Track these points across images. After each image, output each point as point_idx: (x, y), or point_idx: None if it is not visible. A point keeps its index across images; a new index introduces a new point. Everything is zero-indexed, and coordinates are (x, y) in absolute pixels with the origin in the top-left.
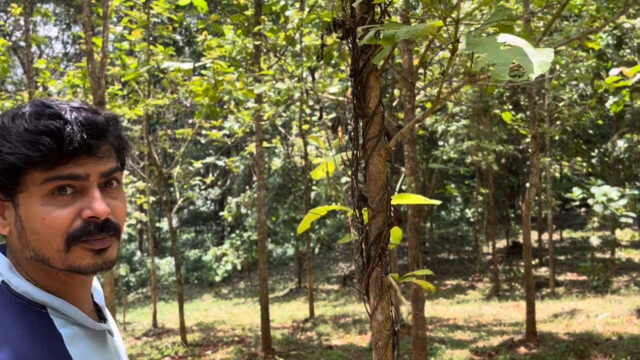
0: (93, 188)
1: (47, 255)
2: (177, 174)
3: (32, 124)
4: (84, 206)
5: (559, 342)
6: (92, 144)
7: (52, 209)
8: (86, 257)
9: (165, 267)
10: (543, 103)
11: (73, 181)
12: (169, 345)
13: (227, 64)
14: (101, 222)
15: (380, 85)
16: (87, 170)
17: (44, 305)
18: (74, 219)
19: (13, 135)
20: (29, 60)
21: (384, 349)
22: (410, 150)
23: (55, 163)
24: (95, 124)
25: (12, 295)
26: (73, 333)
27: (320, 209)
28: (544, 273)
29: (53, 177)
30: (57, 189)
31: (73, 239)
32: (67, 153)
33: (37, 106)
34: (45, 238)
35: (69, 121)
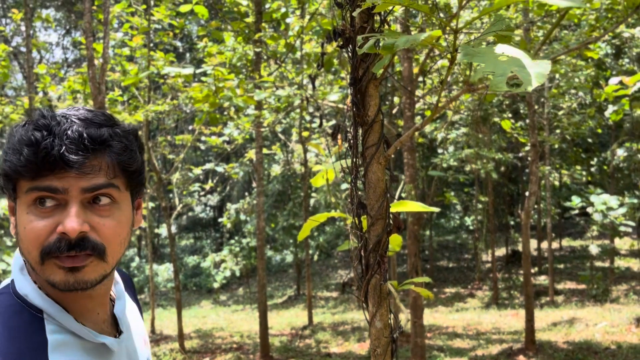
0: (72, 203)
1: (31, 264)
2: (177, 180)
3: (22, 134)
4: (60, 221)
5: (557, 351)
6: (70, 159)
7: (33, 218)
8: (58, 273)
9: (163, 274)
10: (542, 111)
11: (52, 193)
12: (167, 352)
13: (228, 71)
14: (74, 239)
15: (380, 93)
16: (65, 185)
17: (40, 310)
18: (50, 232)
19: (10, 143)
20: (29, 66)
21: (382, 356)
22: (409, 158)
23: (35, 174)
24: (81, 139)
25: (14, 296)
26: (63, 341)
27: (319, 216)
28: (543, 281)
29: (33, 187)
30: (38, 200)
31: (46, 253)
32: (44, 165)
33: (40, 115)
34: (26, 247)
35: (54, 134)
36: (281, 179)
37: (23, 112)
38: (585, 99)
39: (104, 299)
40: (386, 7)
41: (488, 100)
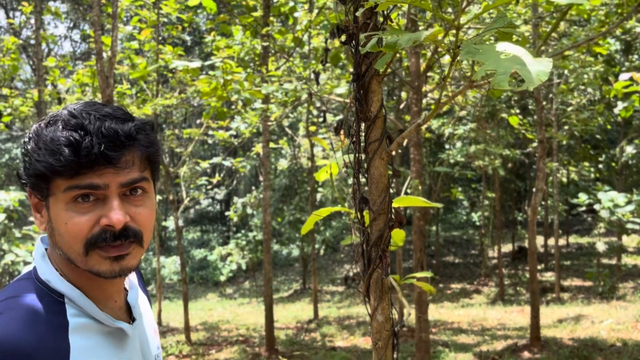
0: (112, 197)
1: (71, 257)
2: (184, 173)
3: (56, 134)
4: (103, 214)
5: (563, 348)
6: (111, 156)
7: (73, 214)
8: (104, 263)
9: (170, 266)
10: (551, 108)
11: (93, 190)
12: (174, 343)
13: (236, 64)
14: (118, 230)
15: (388, 88)
16: (106, 181)
17: (62, 295)
18: (93, 225)
19: (42, 144)
20: (38, 59)
21: (383, 349)
22: (416, 153)
23: (75, 172)
24: (116, 135)
25: (36, 281)
26: (83, 324)
27: (323, 211)
28: (549, 278)
29: (73, 186)
30: (79, 197)
31: (90, 244)
32: (85, 164)
33: (67, 114)
34: (67, 241)
35: (89, 132)
36: (288, 174)
37: (32, 104)
38: (594, 95)
39: (120, 287)
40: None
41: (496, 96)
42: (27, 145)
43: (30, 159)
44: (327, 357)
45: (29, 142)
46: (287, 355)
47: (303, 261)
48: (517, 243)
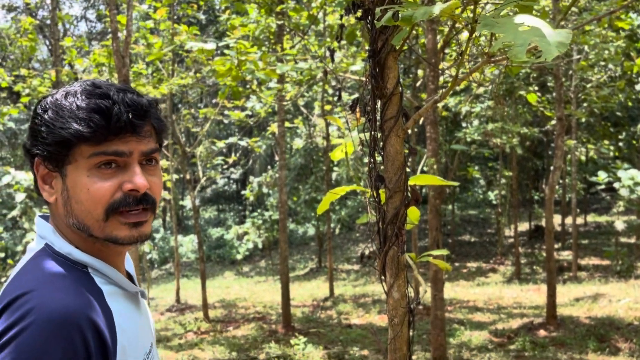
0: (134, 164)
1: (88, 224)
2: (200, 153)
3: (83, 102)
4: (126, 180)
5: (579, 326)
6: (137, 124)
7: (96, 180)
8: (123, 229)
9: (188, 245)
10: (570, 84)
11: (117, 157)
12: (192, 320)
13: (250, 44)
14: (140, 195)
15: (404, 66)
16: (130, 148)
17: (85, 265)
18: (115, 191)
19: (66, 112)
20: (55, 39)
21: (399, 326)
22: (432, 132)
23: (102, 139)
24: (139, 105)
25: (56, 256)
26: (112, 290)
27: (339, 190)
28: (566, 257)
29: (99, 152)
30: (103, 163)
31: (112, 209)
32: (114, 131)
33: (88, 86)
34: (87, 207)
35: (116, 101)
36: (303, 153)
37: (50, 85)
38: (615, 72)
39: (124, 258)
40: None
41: (514, 73)
42: (45, 115)
43: (50, 128)
44: (343, 334)
45: (44, 112)
46: (303, 332)
47: (319, 240)
48: (534, 222)
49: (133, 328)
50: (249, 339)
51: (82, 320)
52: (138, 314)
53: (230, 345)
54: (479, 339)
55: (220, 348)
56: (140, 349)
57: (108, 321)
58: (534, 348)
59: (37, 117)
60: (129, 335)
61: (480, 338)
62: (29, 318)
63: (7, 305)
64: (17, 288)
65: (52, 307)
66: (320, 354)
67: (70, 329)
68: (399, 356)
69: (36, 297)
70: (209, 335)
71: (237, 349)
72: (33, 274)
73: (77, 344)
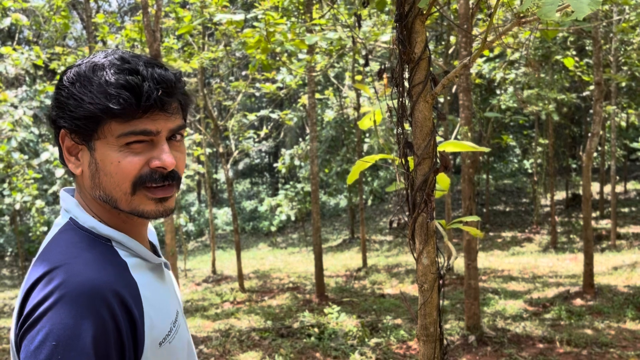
0: (162, 142)
1: (115, 197)
2: (232, 126)
3: (113, 77)
4: (154, 156)
5: (617, 295)
6: (165, 101)
7: (127, 154)
8: (149, 204)
9: (222, 217)
10: (610, 47)
11: (146, 136)
12: (228, 291)
13: (279, 15)
14: (167, 172)
15: (436, 33)
16: (159, 127)
17: (108, 239)
18: (143, 166)
19: (95, 86)
20: (88, 15)
21: (429, 292)
22: (465, 99)
23: (131, 116)
24: (168, 82)
25: (80, 229)
26: (136, 263)
27: (368, 158)
28: (605, 226)
29: (129, 132)
30: (132, 142)
31: (139, 183)
32: (143, 108)
33: (117, 60)
34: (116, 181)
35: (146, 77)
36: (334, 125)
37: None
38: None
39: (147, 230)
40: None
41: (550, 36)
42: (72, 88)
43: (78, 102)
44: (377, 303)
45: (72, 84)
46: (337, 302)
47: (351, 211)
48: (571, 190)
49: (158, 298)
50: (284, 308)
51: (109, 293)
52: (162, 284)
53: (266, 315)
54: (513, 308)
55: (255, 317)
56: (166, 319)
57: (133, 293)
58: (570, 317)
59: (64, 89)
60: (154, 305)
61: (515, 307)
62: (59, 292)
63: (38, 280)
64: (45, 263)
65: (79, 281)
66: (353, 322)
67: (99, 304)
68: (429, 321)
69: (64, 271)
70: (244, 305)
71: (272, 318)
72: (60, 249)
73: (106, 318)
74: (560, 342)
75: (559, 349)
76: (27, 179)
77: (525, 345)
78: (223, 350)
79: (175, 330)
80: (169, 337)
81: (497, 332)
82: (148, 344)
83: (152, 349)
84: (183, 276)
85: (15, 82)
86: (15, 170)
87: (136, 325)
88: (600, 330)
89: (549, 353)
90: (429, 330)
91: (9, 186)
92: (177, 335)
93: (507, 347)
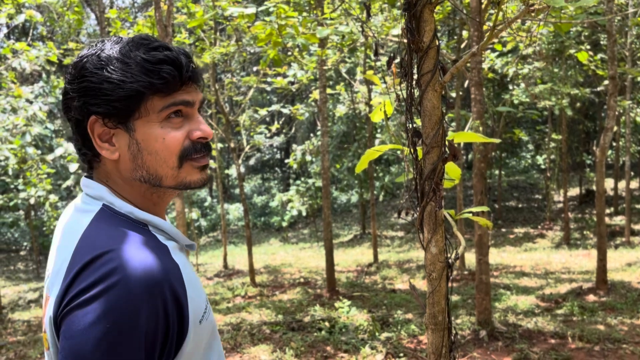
0: (196, 114)
1: (161, 174)
2: (244, 121)
3: (149, 55)
4: (193, 128)
5: (631, 291)
6: (198, 73)
7: (170, 129)
8: (195, 173)
9: (234, 213)
10: (625, 42)
11: (185, 107)
12: (239, 285)
13: (291, 9)
14: (206, 141)
15: (448, 27)
16: (194, 98)
17: (145, 223)
18: (184, 139)
19: (133, 66)
20: (101, 11)
21: (437, 280)
22: (477, 93)
23: (173, 90)
24: (191, 57)
25: (118, 215)
26: (173, 246)
27: (378, 148)
28: (619, 222)
29: (170, 103)
30: (172, 114)
31: (184, 156)
32: (184, 80)
33: (142, 39)
34: (162, 157)
35: (178, 52)
36: (346, 120)
37: None
38: None
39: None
40: None
41: (563, 30)
42: (104, 72)
43: (116, 84)
44: (387, 298)
45: (101, 69)
46: (347, 296)
47: (362, 207)
48: (584, 186)
49: (194, 278)
50: (295, 303)
51: (165, 285)
52: (190, 264)
53: (277, 309)
54: (525, 303)
55: (267, 311)
56: (202, 296)
57: (178, 277)
58: (582, 313)
59: (92, 75)
60: (193, 285)
61: (527, 303)
62: (116, 276)
63: (89, 263)
64: (93, 248)
65: (135, 267)
66: (364, 317)
67: (156, 294)
68: (437, 310)
69: (118, 256)
70: (255, 299)
71: (283, 312)
72: (105, 234)
73: (159, 309)
74: (572, 337)
75: (571, 344)
76: (40, 173)
77: (537, 341)
78: (234, 343)
79: (208, 307)
80: (205, 313)
81: (509, 328)
82: (192, 324)
83: (194, 328)
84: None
85: (30, 77)
86: (29, 165)
87: (183, 311)
88: (613, 326)
89: (561, 349)
90: (437, 318)
91: (23, 181)
92: (210, 313)
93: (519, 342)
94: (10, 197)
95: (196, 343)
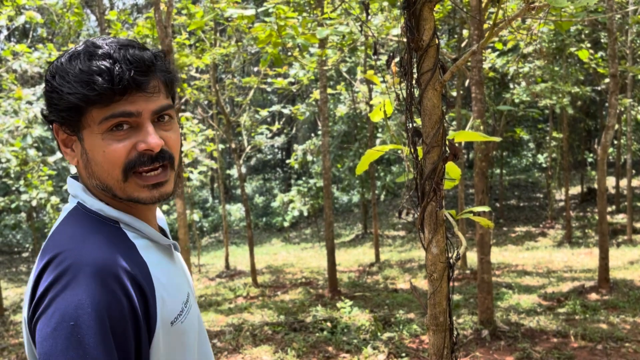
0: (147, 123)
1: (110, 185)
2: (245, 122)
3: (85, 65)
4: (139, 140)
5: (633, 289)
6: (141, 81)
7: (111, 142)
8: (143, 191)
9: (235, 213)
10: (625, 40)
11: (127, 118)
12: (241, 286)
13: (291, 9)
14: (155, 153)
15: (449, 27)
16: (139, 108)
17: (116, 221)
18: (129, 151)
19: (71, 76)
20: (101, 12)
21: (439, 281)
22: (477, 92)
23: (109, 101)
24: (142, 61)
25: (88, 213)
26: (144, 244)
27: (379, 148)
28: (621, 220)
29: (108, 116)
30: (115, 126)
31: (129, 169)
32: (119, 90)
33: (89, 46)
34: (106, 169)
35: (117, 60)
36: (346, 120)
37: None
38: None
39: (155, 213)
40: None
41: (564, 28)
42: (53, 82)
43: (59, 94)
44: (389, 298)
45: (53, 78)
46: (349, 296)
47: (363, 207)
48: (586, 185)
49: (169, 278)
50: (297, 303)
51: (120, 270)
52: (172, 265)
53: (279, 309)
54: (527, 302)
55: (268, 311)
56: (177, 299)
57: (144, 272)
58: (584, 311)
59: (47, 83)
60: (165, 285)
61: (529, 301)
62: (69, 275)
63: (47, 264)
64: (54, 247)
65: (89, 262)
66: (366, 317)
67: (111, 281)
68: (438, 311)
69: (71, 254)
70: (257, 300)
71: (285, 312)
72: (67, 233)
73: (119, 294)
74: (574, 336)
75: (573, 343)
76: (42, 175)
77: (539, 340)
78: (236, 344)
79: (187, 310)
80: (180, 316)
81: (511, 327)
82: (160, 322)
83: (164, 328)
84: (197, 271)
85: (30, 79)
86: (31, 167)
87: (148, 303)
88: (616, 325)
89: (563, 347)
90: (438, 319)
91: (25, 183)
92: (189, 316)
93: (521, 341)
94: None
95: (170, 345)
